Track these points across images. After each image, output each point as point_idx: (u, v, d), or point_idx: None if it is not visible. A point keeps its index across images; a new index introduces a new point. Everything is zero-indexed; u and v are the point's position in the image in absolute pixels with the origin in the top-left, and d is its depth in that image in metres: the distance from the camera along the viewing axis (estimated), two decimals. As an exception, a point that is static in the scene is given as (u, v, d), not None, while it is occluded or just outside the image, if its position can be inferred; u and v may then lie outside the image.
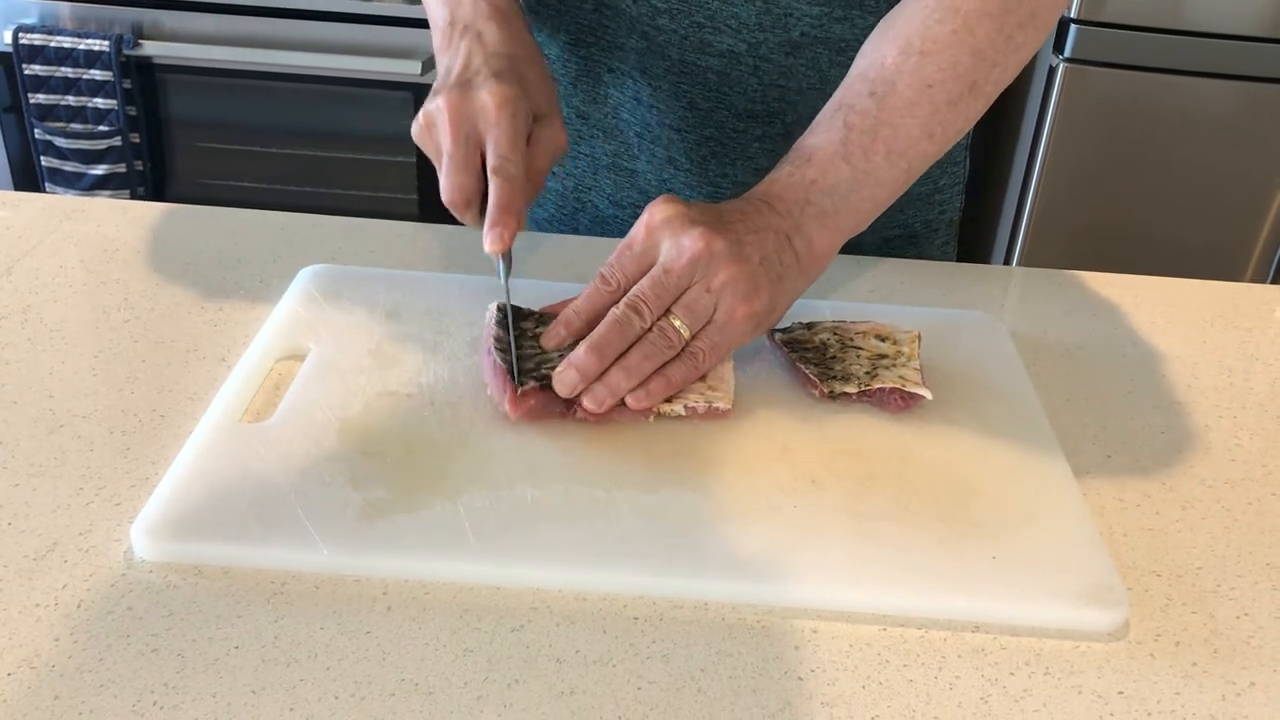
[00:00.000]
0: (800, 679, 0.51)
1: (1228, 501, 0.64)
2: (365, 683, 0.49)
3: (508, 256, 0.69)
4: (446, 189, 0.68)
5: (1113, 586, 0.55)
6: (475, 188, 0.68)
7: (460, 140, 0.68)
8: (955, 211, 0.98)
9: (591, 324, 0.65)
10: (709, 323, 0.64)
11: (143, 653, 0.49)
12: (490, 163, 0.68)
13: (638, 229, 0.65)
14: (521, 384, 0.63)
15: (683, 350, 0.64)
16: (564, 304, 0.68)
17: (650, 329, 0.64)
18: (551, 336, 0.66)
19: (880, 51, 0.69)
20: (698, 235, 0.63)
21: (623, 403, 0.63)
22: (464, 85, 0.69)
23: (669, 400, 0.64)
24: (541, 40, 0.93)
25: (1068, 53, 1.86)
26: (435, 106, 0.69)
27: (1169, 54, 1.85)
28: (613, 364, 0.63)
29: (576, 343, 0.64)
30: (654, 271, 0.64)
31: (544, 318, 0.69)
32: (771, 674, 0.51)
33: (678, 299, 0.64)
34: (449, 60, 0.73)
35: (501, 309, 0.69)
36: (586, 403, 0.63)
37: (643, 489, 0.59)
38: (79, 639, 0.50)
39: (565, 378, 0.63)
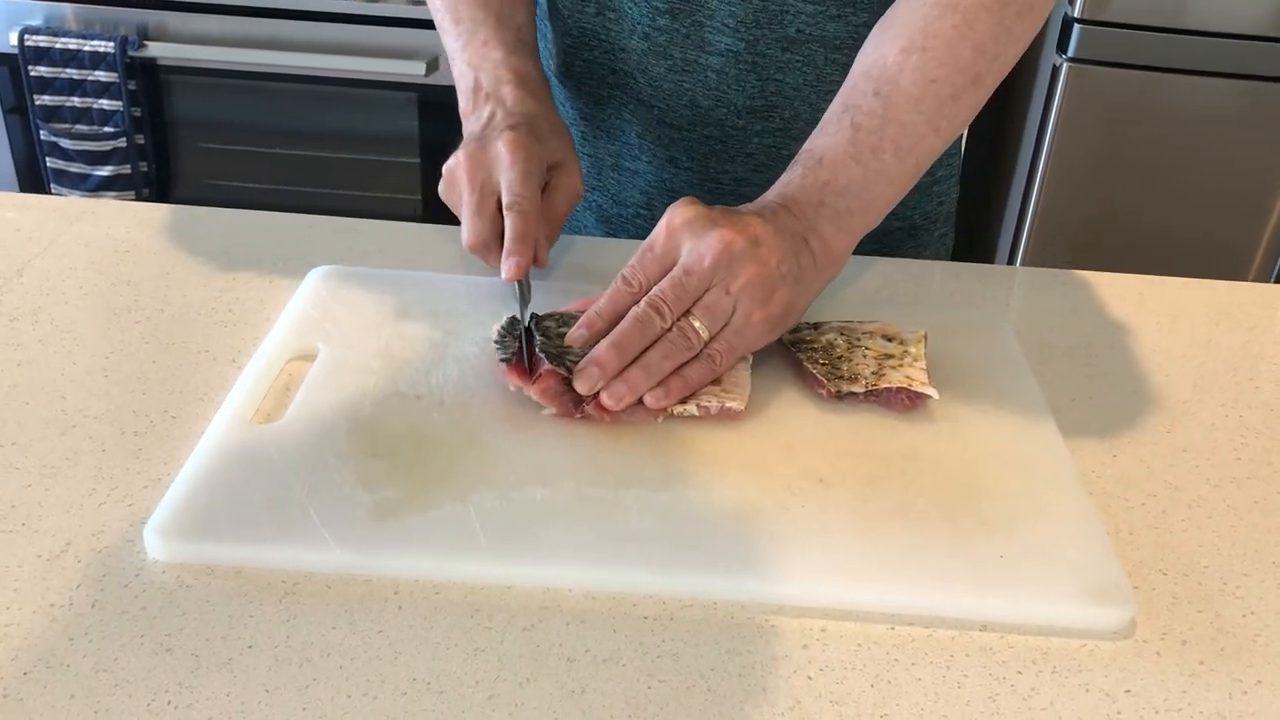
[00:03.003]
0: (809, 678, 0.51)
1: (1234, 500, 0.64)
2: (378, 682, 0.49)
3: (525, 285, 0.71)
4: (465, 234, 0.73)
5: (1119, 585, 0.55)
6: (491, 232, 0.72)
7: (476, 188, 0.72)
8: (952, 202, 0.99)
9: (613, 325, 0.65)
10: (727, 325, 0.65)
11: (157, 652, 0.50)
12: (505, 200, 0.71)
13: (659, 231, 0.66)
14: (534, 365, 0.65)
15: (700, 351, 0.65)
16: (585, 304, 0.68)
17: (670, 329, 0.64)
18: (574, 336, 0.66)
19: (882, 50, 0.69)
20: (718, 238, 0.64)
21: (639, 401, 0.64)
22: (481, 140, 0.74)
23: (683, 400, 0.65)
24: (547, 44, 0.93)
25: (1071, 52, 1.87)
26: (455, 161, 0.74)
27: (1172, 53, 1.86)
28: (632, 362, 0.64)
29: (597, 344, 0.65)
30: (674, 272, 0.65)
31: (565, 318, 0.69)
32: (781, 672, 0.51)
33: (698, 300, 0.64)
34: (473, 123, 0.78)
35: (515, 320, 0.70)
36: (605, 399, 0.63)
37: (651, 489, 0.60)
38: (94, 639, 0.50)
39: (586, 374, 0.63)
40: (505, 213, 0.71)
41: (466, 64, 0.80)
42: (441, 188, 0.75)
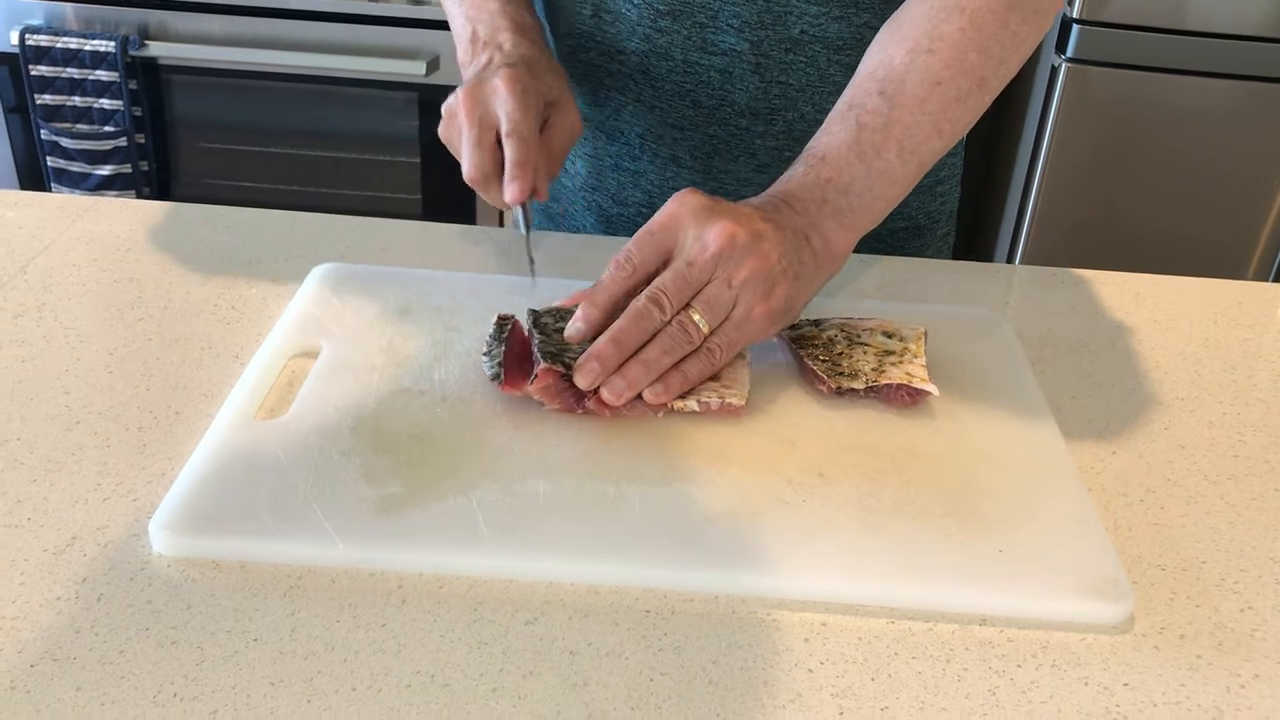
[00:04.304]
0: (810, 671, 0.51)
1: (1231, 497, 0.65)
2: (382, 675, 0.49)
3: (526, 211, 0.73)
4: (466, 168, 0.74)
5: (1118, 580, 0.56)
6: (491, 164, 0.74)
7: (475, 122, 0.74)
8: (954, 202, 0.99)
9: (609, 312, 0.65)
10: (726, 319, 0.65)
11: (162, 645, 0.50)
12: (504, 129, 0.73)
13: (660, 216, 0.66)
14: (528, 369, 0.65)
15: (700, 346, 0.65)
16: (581, 296, 0.68)
17: (670, 323, 0.64)
18: (572, 331, 0.66)
19: (888, 52, 0.70)
20: (722, 229, 0.64)
21: (639, 397, 0.64)
22: (479, 79, 0.76)
23: (683, 396, 0.65)
24: (548, 43, 0.94)
25: (1070, 52, 1.87)
26: (454, 99, 0.75)
27: (1170, 54, 1.86)
28: (631, 357, 0.64)
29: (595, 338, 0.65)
30: (676, 264, 0.65)
31: (563, 313, 0.69)
32: (782, 666, 0.51)
33: (698, 293, 0.64)
34: (470, 70, 0.79)
35: (503, 319, 0.70)
36: (605, 394, 0.63)
37: (653, 484, 0.60)
38: (100, 632, 0.51)
39: (586, 369, 0.63)
40: (505, 140, 0.73)
41: (464, 17, 0.82)
42: (440, 127, 0.77)
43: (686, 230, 0.65)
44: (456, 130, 0.75)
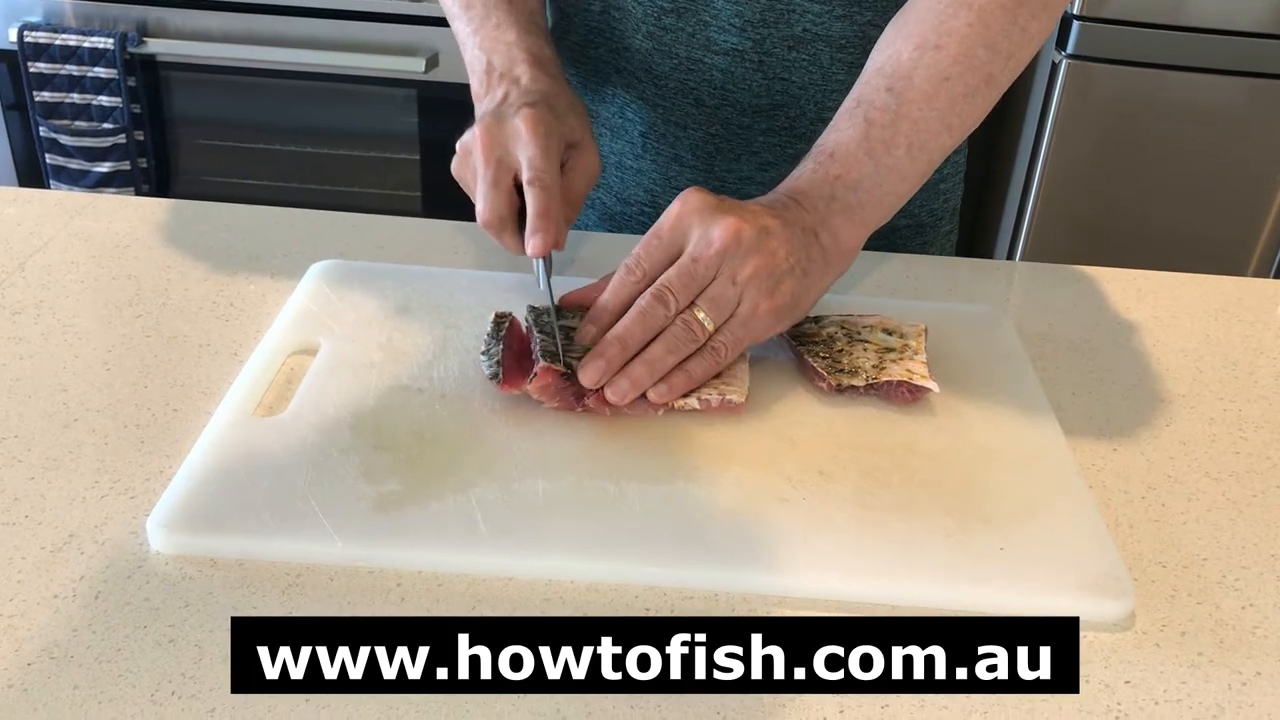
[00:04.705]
0: (810, 669, 0.51)
1: (1233, 494, 0.65)
2: (380, 673, 0.49)
3: (548, 261, 0.70)
4: (480, 210, 0.71)
5: (1119, 577, 0.56)
6: (508, 206, 0.71)
7: (492, 162, 0.71)
8: (957, 199, 0.99)
9: (619, 317, 0.65)
10: (732, 316, 0.65)
11: (160, 643, 0.50)
12: (525, 177, 0.70)
13: (666, 218, 0.65)
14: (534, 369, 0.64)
15: (704, 344, 0.65)
16: (585, 291, 0.68)
17: (674, 321, 0.64)
18: (584, 334, 0.66)
19: (895, 48, 0.69)
20: (727, 226, 0.63)
21: (642, 395, 0.64)
22: (497, 116, 0.72)
23: (684, 394, 0.65)
24: (553, 41, 0.93)
25: (1070, 49, 1.87)
26: (470, 136, 0.72)
27: (1171, 50, 1.86)
28: (635, 356, 0.64)
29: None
30: (682, 260, 0.64)
31: (563, 312, 0.69)
32: (782, 664, 0.51)
33: (703, 291, 0.64)
34: (486, 104, 0.76)
35: (500, 318, 0.70)
36: (609, 395, 0.63)
37: (652, 481, 0.60)
38: (97, 630, 0.50)
39: (592, 367, 0.63)
40: (526, 188, 0.70)
41: (479, 48, 0.78)
42: (454, 164, 0.74)
43: (693, 228, 0.64)
44: (471, 169, 0.72)
